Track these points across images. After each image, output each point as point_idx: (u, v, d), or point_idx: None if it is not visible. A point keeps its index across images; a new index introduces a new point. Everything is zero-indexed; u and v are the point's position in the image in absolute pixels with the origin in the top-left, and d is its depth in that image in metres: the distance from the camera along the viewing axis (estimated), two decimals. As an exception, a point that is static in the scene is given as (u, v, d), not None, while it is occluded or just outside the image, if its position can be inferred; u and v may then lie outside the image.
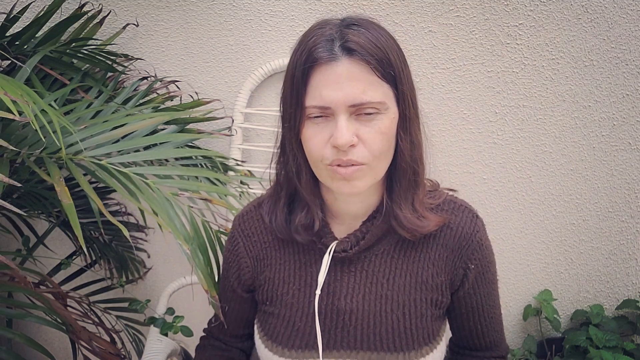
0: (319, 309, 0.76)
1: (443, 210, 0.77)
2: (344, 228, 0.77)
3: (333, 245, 0.75)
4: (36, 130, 0.75)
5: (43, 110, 0.79)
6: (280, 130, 0.73)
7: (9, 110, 0.71)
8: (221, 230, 1.04)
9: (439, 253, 0.76)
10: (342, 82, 0.62)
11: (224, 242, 1.01)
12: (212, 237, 0.97)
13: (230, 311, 0.87)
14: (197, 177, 1.07)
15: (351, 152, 0.64)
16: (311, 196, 0.73)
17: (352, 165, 0.64)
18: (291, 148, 0.70)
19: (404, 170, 0.69)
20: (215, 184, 1.08)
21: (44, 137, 0.92)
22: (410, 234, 0.72)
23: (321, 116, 0.65)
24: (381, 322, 0.75)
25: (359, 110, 0.63)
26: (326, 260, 0.75)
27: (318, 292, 0.75)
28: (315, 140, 0.66)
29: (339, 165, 0.65)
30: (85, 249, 0.78)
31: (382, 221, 0.73)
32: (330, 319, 0.76)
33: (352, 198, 0.73)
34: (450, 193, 0.80)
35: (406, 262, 0.76)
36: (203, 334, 0.95)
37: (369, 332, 0.75)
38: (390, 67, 0.64)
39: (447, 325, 0.84)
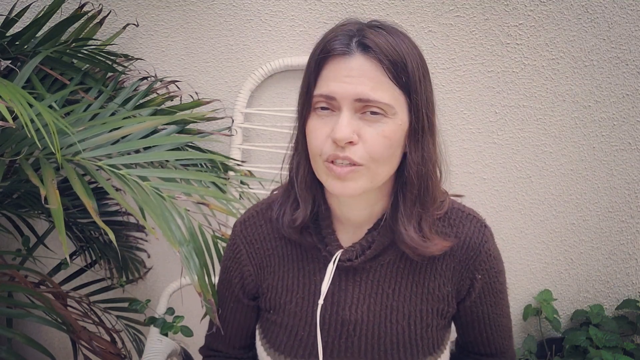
0: (322, 319, 0.74)
1: (451, 219, 0.75)
2: (349, 236, 0.75)
3: (338, 254, 0.73)
4: (32, 134, 0.75)
5: (40, 112, 0.80)
6: (295, 127, 0.72)
7: (5, 116, 0.71)
8: (217, 235, 1.03)
9: (446, 263, 0.74)
10: (352, 76, 0.62)
11: (220, 247, 1.00)
12: (209, 241, 0.96)
13: (236, 323, 0.84)
14: (201, 181, 1.07)
15: (349, 150, 0.62)
16: (304, 191, 0.71)
17: (349, 164, 0.63)
18: (298, 140, 0.70)
19: (411, 184, 0.67)
20: (218, 187, 1.08)
21: (41, 140, 0.92)
22: (412, 252, 0.70)
23: (327, 109, 0.64)
24: (386, 333, 0.74)
25: (364, 108, 0.62)
26: (330, 269, 0.73)
27: (321, 301, 0.73)
28: (317, 133, 0.65)
29: (332, 163, 0.63)
30: (69, 260, 0.78)
31: (387, 230, 0.71)
32: (334, 329, 0.75)
33: (354, 203, 0.71)
34: (456, 199, 0.78)
35: (412, 272, 0.74)
36: (203, 352, 0.91)
37: (373, 343, 0.74)
38: (405, 73, 0.63)
39: (453, 327, 0.83)
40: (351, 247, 0.73)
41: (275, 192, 0.80)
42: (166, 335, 1.15)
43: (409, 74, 0.63)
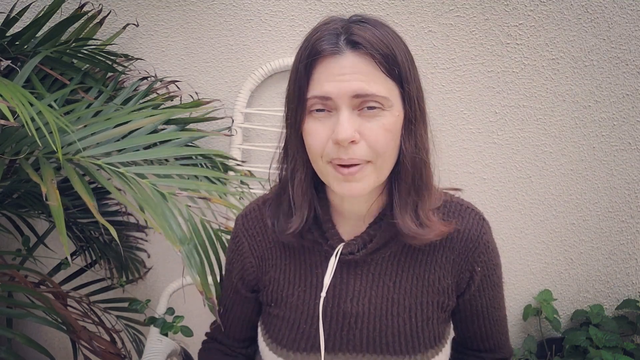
0: (324, 311, 0.75)
1: (450, 212, 0.75)
2: (350, 228, 0.75)
3: (340, 247, 0.73)
4: (32, 133, 0.75)
5: (41, 111, 0.80)
6: (283, 131, 0.71)
7: (6, 115, 0.71)
8: (222, 229, 1.04)
9: (446, 256, 0.75)
10: (345, 74, 0.61)
11: (224, 241, 1.00)
12: (212, 236, 0.96)
13: (234, 313, 0.85)
14: (196, 177, 1.07)
15: (352, 150, 0.62)
16: (300, 198, 0.70)
17: (354, 164, 0.63)
18: (292, 146, 0.69)
19: (405, 173, 0.67)
20: (214, 183, 1.08)
21: (41, 139, 0.92)
22: (412, 241, 0.70)
23: (323, 110, 0.63)
24: (387, 325, 0.74)
25: (362, 104, 0.62)
26: (332, 263, 0.73)
27: (323, 294, 0.73)
28: (316, 135, 0.64)
29: (341, 166, 0.63)
30: (69, 257, 0.78)
31: (389, 223, 0.71)
32: (336, 321, 0.75)
33: (356, 199, 0.71)
34: (454, 193, 0.79)
35: (413, 265, 0.75)
36: (205, 337, 0.93)
37: (374, 335, 0.74)
38: (396, 65, 0.63)
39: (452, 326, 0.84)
40: (353, 240, 0.73)
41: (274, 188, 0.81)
42: (166, 335, 1.15)
43: (399, 65, 0.63)
